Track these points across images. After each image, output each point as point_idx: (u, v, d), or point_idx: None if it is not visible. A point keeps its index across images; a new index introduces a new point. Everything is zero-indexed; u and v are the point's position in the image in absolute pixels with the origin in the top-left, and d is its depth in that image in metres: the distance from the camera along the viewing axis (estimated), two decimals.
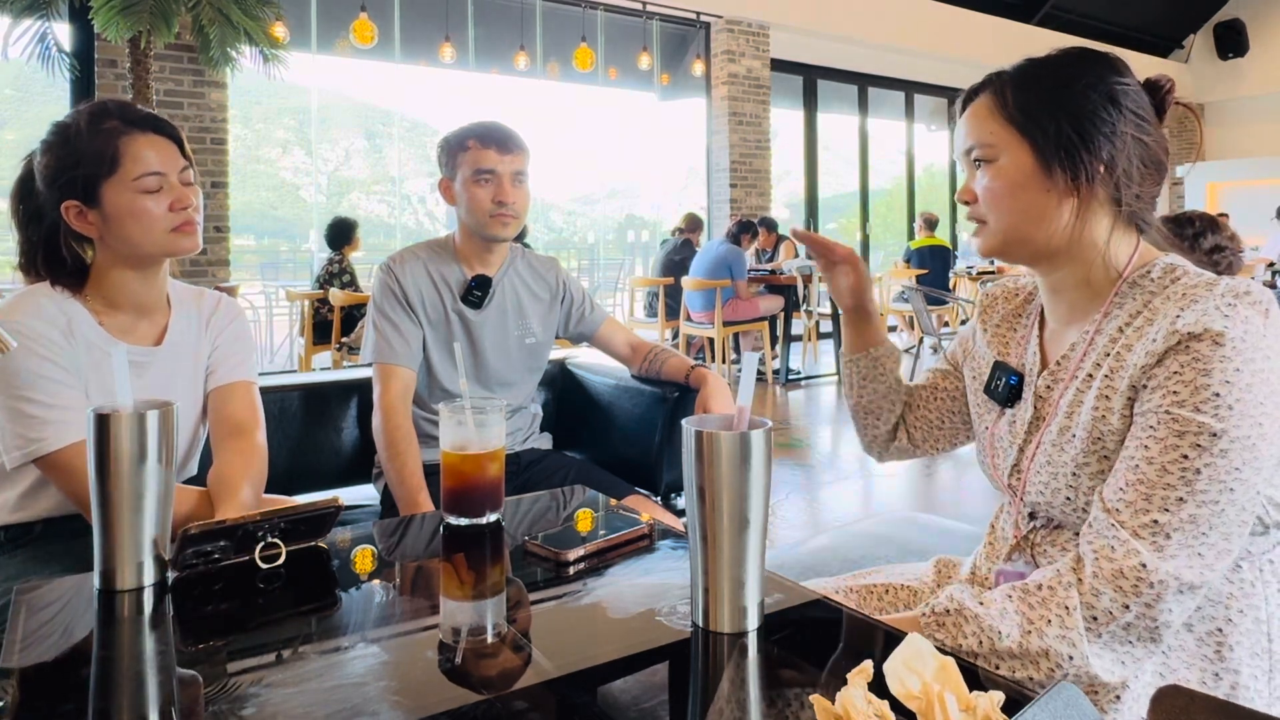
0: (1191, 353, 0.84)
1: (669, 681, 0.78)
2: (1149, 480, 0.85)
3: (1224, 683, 0.90)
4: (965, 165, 1.03)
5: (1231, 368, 0.83)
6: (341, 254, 5.96)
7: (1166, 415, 0.85)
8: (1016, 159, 0.96)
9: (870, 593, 1.15)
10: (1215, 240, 2.57)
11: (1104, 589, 0.83)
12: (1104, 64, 0.96)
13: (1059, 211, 0.95)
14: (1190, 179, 12.04)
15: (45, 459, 1.24)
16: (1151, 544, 0.83)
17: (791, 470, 4.07)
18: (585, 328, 1.99)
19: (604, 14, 7.82)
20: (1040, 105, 0.95)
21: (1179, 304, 0.87)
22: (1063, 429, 0.96)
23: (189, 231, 1.32)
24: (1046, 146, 0.94)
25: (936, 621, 0.90)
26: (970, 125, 1.00)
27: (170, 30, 5.12)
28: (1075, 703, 0.51)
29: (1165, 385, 0.85)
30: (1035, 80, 0.96)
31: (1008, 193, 0.96)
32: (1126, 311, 0.95)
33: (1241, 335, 0.83)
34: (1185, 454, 0.83)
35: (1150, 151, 0.95)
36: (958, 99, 1.05)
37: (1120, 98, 0.93)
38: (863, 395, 1.26)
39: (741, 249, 6.50)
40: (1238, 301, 0.85)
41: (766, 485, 0.80)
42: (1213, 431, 0.82)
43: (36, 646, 0.82)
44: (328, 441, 1.94)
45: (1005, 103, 0.97)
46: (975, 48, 9.59)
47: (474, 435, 1.11)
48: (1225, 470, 0.82)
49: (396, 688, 0.74)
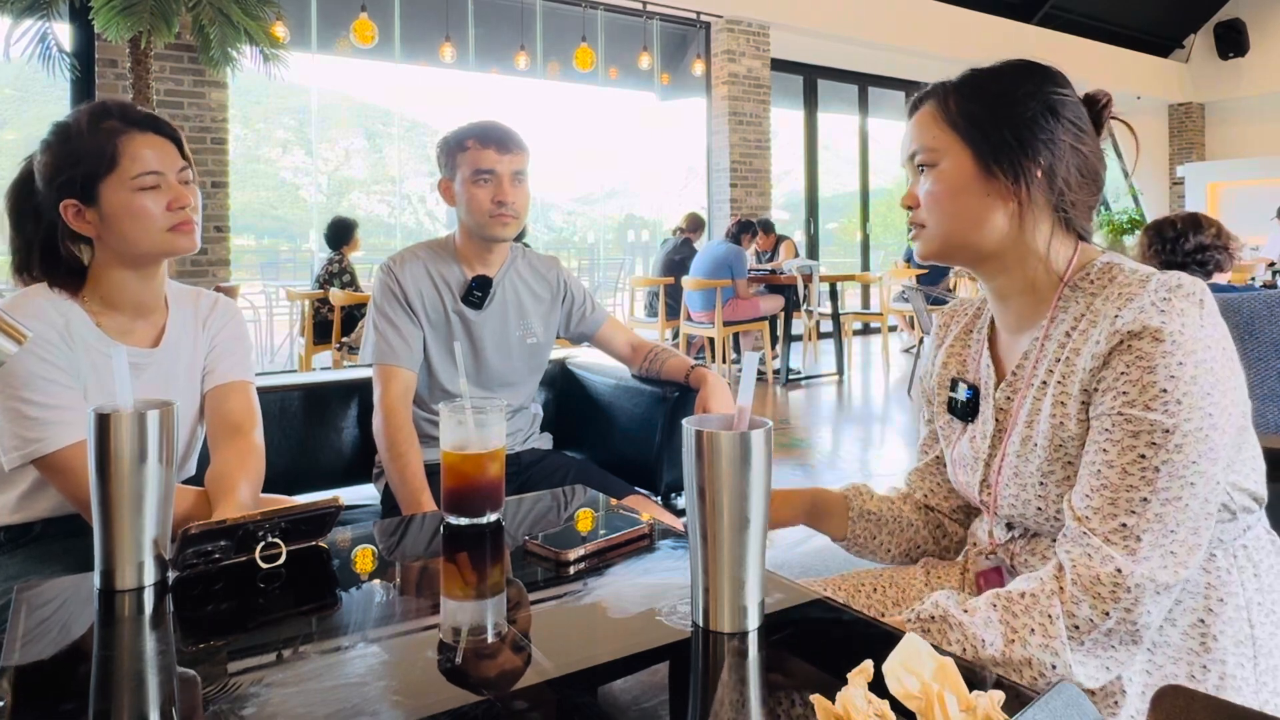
0: (1134, 351, 0.86)
1: (669, 681, 0.78)
2: (1112, 484, 0.86)
3: (1212, 674, 0.91)
4: (909, 170, 1.05)
5: (1174, 362, 0.84)
6: (341, 254, 5.96)
7: (1119, 416, 0.86)
8: (958, 163, 0.98)
9: (859, 590, 1.15)
10: (1198, 240, 2.55)
11: (1083, 598, 0.85)
12: (1044, 76, 0.98)
13: (998, 215, 0.97)
14: (1190, 179, 12.03)
15: (44, 460, 1.24)
16: (1124, 548, 0.84)
17: (791, 470, 4.07)
18: (586, 327, 1.99)
19: (604, 14, 7.81)
20: (982, 112, 0.97)
21: (1116, 304, 0.89)
22: (1024, 439, 0.98)
23: (187, 231, 1.32)
24: (987, 151, 0.96)
25: (922, 628, 0.90)
26: (915, 130, 1.03)
27: (170, 30, 5.12)
28: (1075, 702, 0.51)
29: (1114, 386, 0.87)
30: (978, 88, 0.99)
31: (948, 196, 0.99)
32: (1071, 315, 0.96)
33: (1179, 329, 0.85)
34: (1142, 453, 0.85)
35: (1087, 161, 0.98)
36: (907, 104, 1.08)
37: (1059, 108, 0.96)
38: (888, 548, 1.18)
39: (742, 248, 6.50)
40: (1171, 295, 0.87)
41: (767, 485, 0.80)
42: (1165, 428, 0.84)
43: (37, 646, 0.82)
44: (328, 441, 1.94)
45: (948, 109, 0.99)
46: (975, 48, 9.59)
47: (474, 435, 1.11)
48: (1183, 465, 0.84)
49: (396, 688, 0.74)
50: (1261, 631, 0.92)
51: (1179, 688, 0.49)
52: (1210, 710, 0.47)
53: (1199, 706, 0.48)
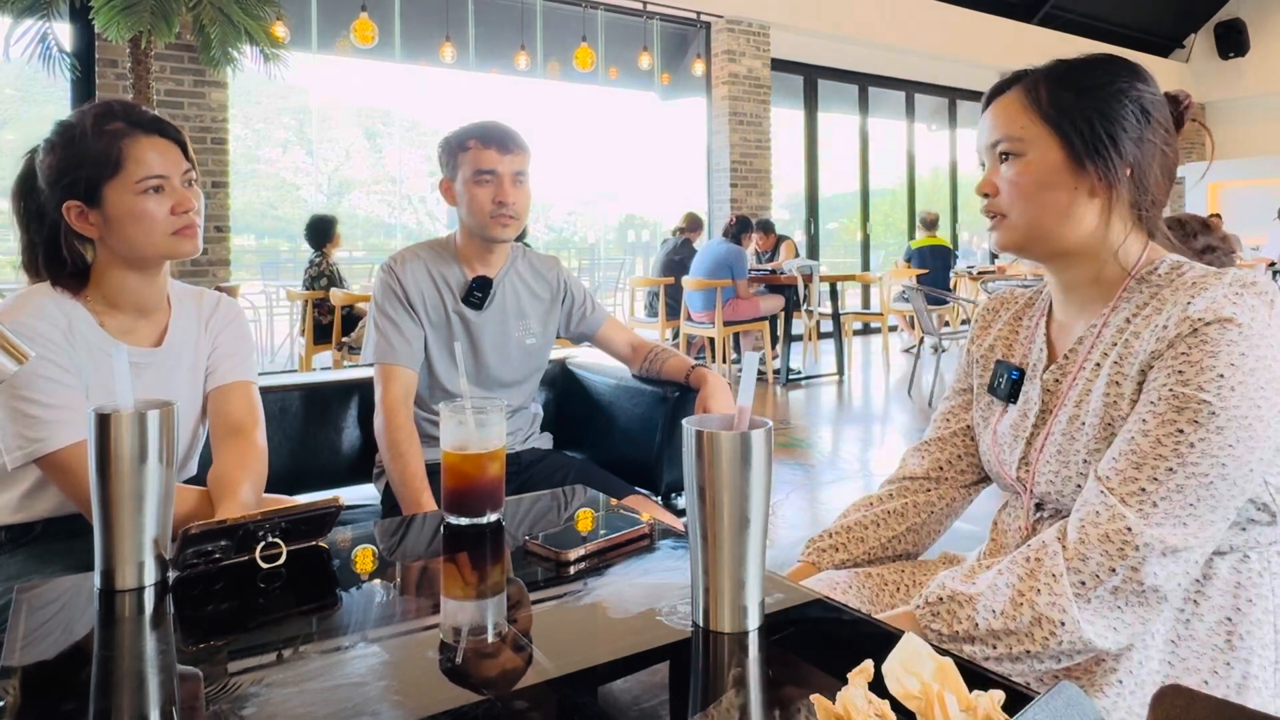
0: (1200, 335, 0.86)
1: (669, 681, 0.78)
2: (1142, 451, 0.86)
3: (1235, 672, 0.90)
4: (989, 158, 1.02)
5: (1238, 351, 0.84)
6: (323, 254, 5.92)
7: (1169, 392, 0.86)
8: (1046, 155, 0.96)
9: (869, 577, 1.15)
10: (1207, 241, 2.60)
11: (1091, 552, 0.85)
12: (1135, 73, 0.97)
13: (1083, 210, 0.96)
14: (1190, 179, 12.03)
15: (45, 459, 1.24)
16: (1138, 510, 0.85)
17: (791, 470, 4.07)
18: (586, 327, 1.99)
19: (604, 14, 7.81)
20: (1075, 104, 0.95)
21: (1189, 292, 0.89)
22: (1072, 418, 0.97)
23: (190, 235, 1.32)
24: (1079, 145, 0.95)
25: (931, 611, 0.91)
26: (999, 118, 1.00)
27: (171, 30, 5.12)
28: (1075, 702, 0.51)
29: (1172, 365, 0.87)
30: (1070, 80, 0.97)
31: (1034, 188, 0.97)
32: (1134, 304, 0.96)
33: (1249, 321, 0.85)
34: (1181, 428, 0.85)
35: (1169, 162, 0.97)
36: (982, 95, 1.05)
37: (1150, 107, 0.95)
38: (924, 533, 1.19)
39: (742, 248, 6.50)
40: (1245, 291, 0.87)
41: (767, 485, 0.80)
42: (1212, 409, 0.84)
43: (37, 646, 0.82)
44: (328, 441, 1.94)
45: (1039, 98, 0.97)
46: (976, 48, 9.59)
47: (474, 435, 1.11)
48: (1219, 446, 0.84)
49: (396, 688, 0.74)
50: None
51: (1179, 687, 0.49)
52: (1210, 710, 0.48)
53: (1199, 706, 0.48)
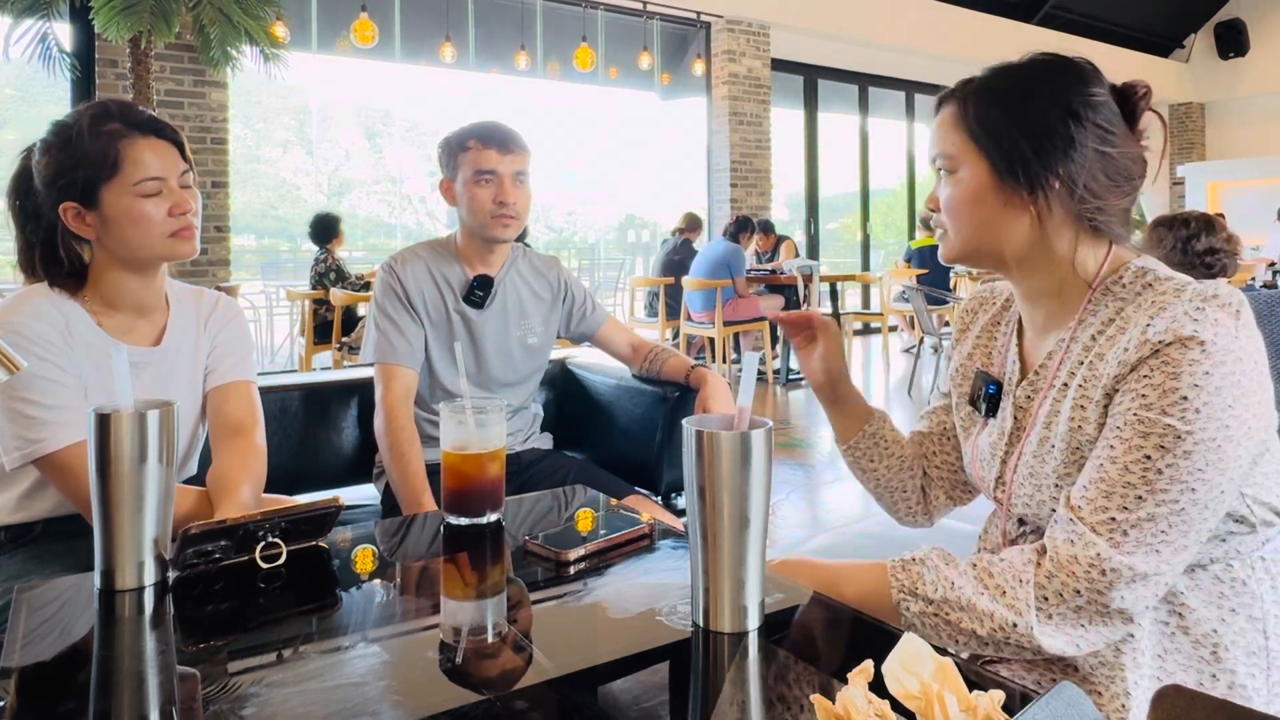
0: (1161, 357, 0.85)
1: (669, 681, 0.78)
2: (1111, 479, 0.86)
3: (1221, 683, 0.90)
4: (934, 172, 1.04)
5: (1201, 371, 0.83)
6: (327, 250, 5.98)
7: (1134, 418, 0.86)
8: (974, 171, 0.96)
9: None
10: (1210, 242, 2.55)
11: (1057, 574, 0.86)
12: (1070, 74, 0.95)
13: (1016, 224, 0.96)
14: (1190, 179, 12.03)
15: (45, 459, 1.24)
16: (1109, 540, 0.85)
17: (791, 470, 4.07)
18: (586, 327, 1.99)
19: (604, 14, 7.81)
20: (999, 119, 0.95)
21: (1149, 312, 0.88)
22: (1042, 439, 0.97)
23: (187, 237, 1.32)
24: (1001, 161, 0.94)
25: (902, 566, 0.93)
26: (936, 134, 1.01)
27: (171, 30, 5.12)
28: (1075, 702, 0.51)
29: (1135, 389, 0.86)
30: (996, 93, 0.96)
31: (965, 204, 0.98)
32: (1100, 319, 0.95)
33: (1212, 338, 0.83)
34: (1148, 454, 0.84)
35: (1115, 163, 0.94)
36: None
37: (1083, 110, 0.92)
38: (878, 475, 1.22)
39: (740, 247, 6.50)
40: (1206, 305, 0.85)
41: (767, 485, 0.80)
42: (1178, 434, 0.83)
43: (37, 646, 0.82)
44: (328, 441, 1.94)
45: (965, 114, 0.97)
46: (975, 48, 9.59)
47: (474, 435, 1.11)
48: (1187, 471, 0.83)
49: (396, 688, 0.74)
50: (1276, 644, 0.92)
51: (1179, 688, 0.49)
52: (1210, 710, 0.47)
53: (1199, 706, 0.48)
